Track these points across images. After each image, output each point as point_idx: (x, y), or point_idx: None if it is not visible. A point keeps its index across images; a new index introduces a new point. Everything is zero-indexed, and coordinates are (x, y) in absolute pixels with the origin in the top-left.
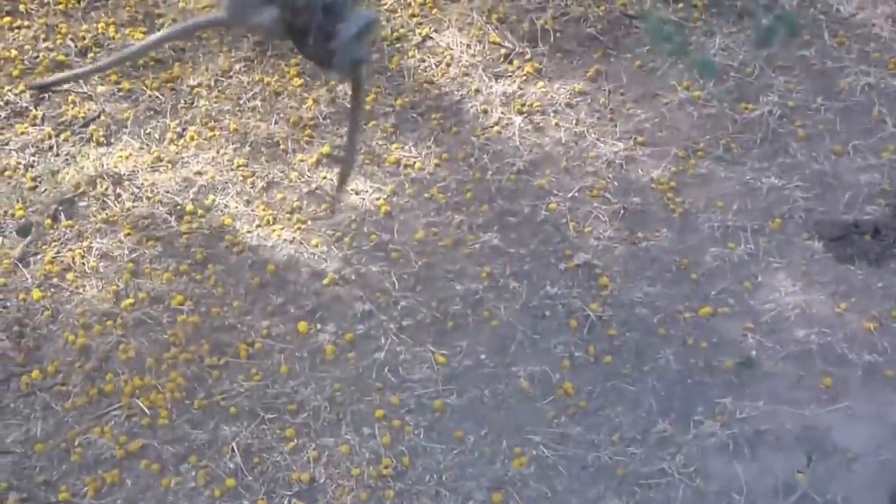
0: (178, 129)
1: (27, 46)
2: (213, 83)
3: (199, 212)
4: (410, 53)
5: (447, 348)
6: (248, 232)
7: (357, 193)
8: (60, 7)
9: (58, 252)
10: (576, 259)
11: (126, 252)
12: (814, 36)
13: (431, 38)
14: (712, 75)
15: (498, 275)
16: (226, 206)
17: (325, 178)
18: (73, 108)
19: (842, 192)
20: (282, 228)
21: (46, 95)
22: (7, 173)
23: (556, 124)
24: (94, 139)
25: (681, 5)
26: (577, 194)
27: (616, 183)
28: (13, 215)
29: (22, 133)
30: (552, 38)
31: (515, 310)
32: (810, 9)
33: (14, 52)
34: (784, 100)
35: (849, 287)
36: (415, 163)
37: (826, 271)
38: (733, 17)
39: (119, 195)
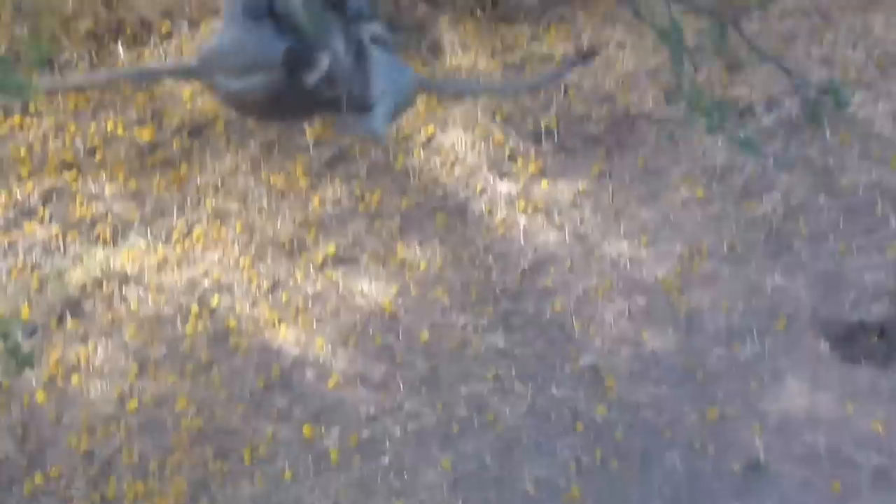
0: (185, 229)
1: (36, 146)
2: (219, 183)
3: (205, 313)
4: (416, 153)
5: (452, 452)
6: (254, 333)
7: (362, 294)
8: (70, 106)
9: (63, 353)
10: (581, 360)
11: (131, 353)
12: (815, 134)
13: (437, 137)
14: (756, 153)
15: (503, 376)
16: (231, 306)
17: (330, 278)
18: (80, 208)
19: (847, 292)
20: (287, 329)
21: (54, 196)
22: (14, 273)
23: (561, 224)
24: (101, 239)
25: (683, 104)
26: (581, 294)
27: (621, 283)
28: (20, 316)
29: (30, 233)
30: (556, 138)
31: (521, 413)
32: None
33: (23, 152)
34: (787, 198)
35: (855, 388)
36: (420, 263)
37: (832, 372)
38: (735, 116)
39: (125, 296)
